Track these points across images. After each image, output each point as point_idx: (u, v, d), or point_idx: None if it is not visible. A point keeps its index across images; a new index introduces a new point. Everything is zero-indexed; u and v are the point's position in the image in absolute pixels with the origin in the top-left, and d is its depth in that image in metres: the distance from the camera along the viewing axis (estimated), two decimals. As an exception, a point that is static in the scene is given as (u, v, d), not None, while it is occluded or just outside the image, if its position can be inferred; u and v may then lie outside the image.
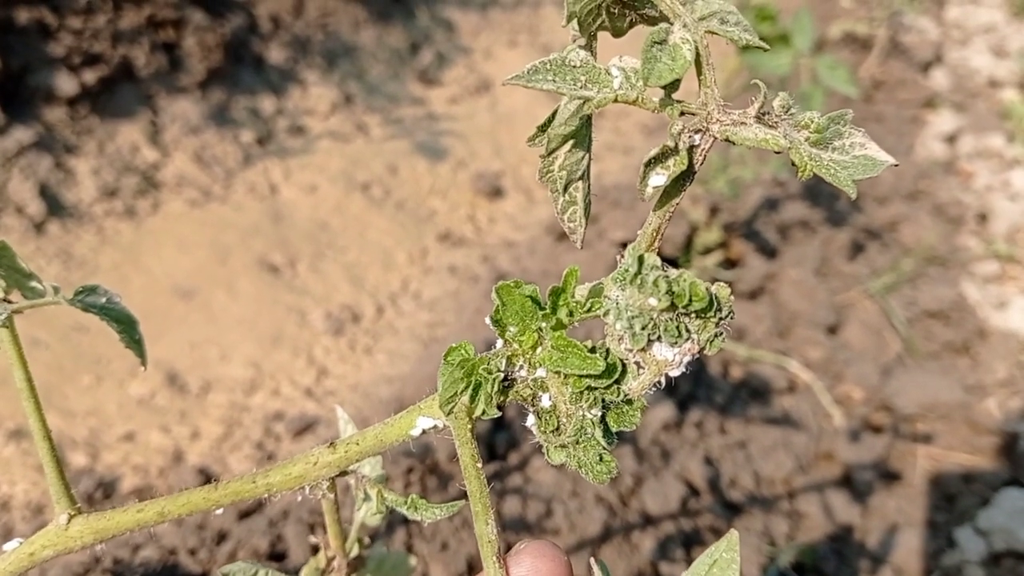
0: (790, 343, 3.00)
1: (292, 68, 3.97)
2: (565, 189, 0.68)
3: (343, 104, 3.96)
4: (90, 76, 3.41)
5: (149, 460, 2.57)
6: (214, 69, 3.70)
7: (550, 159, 0.68)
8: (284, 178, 3.59)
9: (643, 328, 0.61)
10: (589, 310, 0.65)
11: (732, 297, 0.64)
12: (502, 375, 0.68)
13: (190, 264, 3.15)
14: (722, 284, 0.64)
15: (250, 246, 3.24)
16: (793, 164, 0.64)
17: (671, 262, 3.30)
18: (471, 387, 0.68)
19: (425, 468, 2.45)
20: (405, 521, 2.29)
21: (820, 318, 3.07)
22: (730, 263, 3.25)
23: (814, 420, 2.76)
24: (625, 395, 0.66)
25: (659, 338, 0.63)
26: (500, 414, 0.69)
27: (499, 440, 2.52)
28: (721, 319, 0.63)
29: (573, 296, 0.65)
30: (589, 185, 0.69)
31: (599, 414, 0.67)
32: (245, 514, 2.35)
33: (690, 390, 2.78)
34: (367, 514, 0.99)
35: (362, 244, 3.38)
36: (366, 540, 1.04)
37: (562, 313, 0.66)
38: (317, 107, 3.89)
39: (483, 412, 0.68)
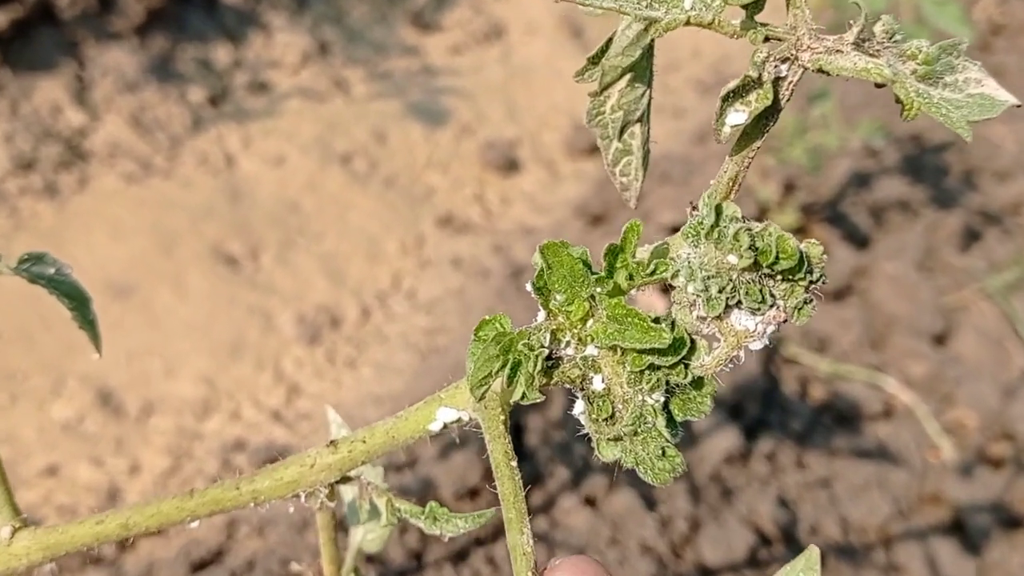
0: (886, 356, 3.04)
1: (253, 9, 4.03)
2: (620, 133, 0.72)
3: (317, 55, 4.01)
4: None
5: (77, 499, 2.62)
6: (155, 10, 3.75)
7: (602, 97, 0.73)
8: (243, 147, 3.63)
9: (720, 291, 0.66)
10: (653, 273, 0.69)
11: (825, 257, 0.69)
12: (546, 352, 0.73)
13: (126, 254, 3.21)
14: (813, 242, 0.68)
15: (202, 232, 3.29)
16: (898, 101, 0.68)
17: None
18: (508, 366, 0.72)
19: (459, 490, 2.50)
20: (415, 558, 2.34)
21: (924, 324, 3.10)
22: (809, 254, 3.29)
23: (916, 452, 2.79)
24: (693, 376, 0.70)
25: (739, 303, 0.68)
26: (543, 399, 0.73)
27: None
28: (812, 283, 0.68)
29: (634, 256, 0.70)
30: (648, 129, 0.74)
31: (662, 399, 0.72)
32: (199, 566, 2.40)
33: (759, 414, 2.81)
34: (365, 537, 1.03)
35: (342, 230, 3.44)
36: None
37: (620, 277, 0.70)
38: (284, 58, 3.94)
39: (523, 396, 0.73)
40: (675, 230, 0.76)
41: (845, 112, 3.52)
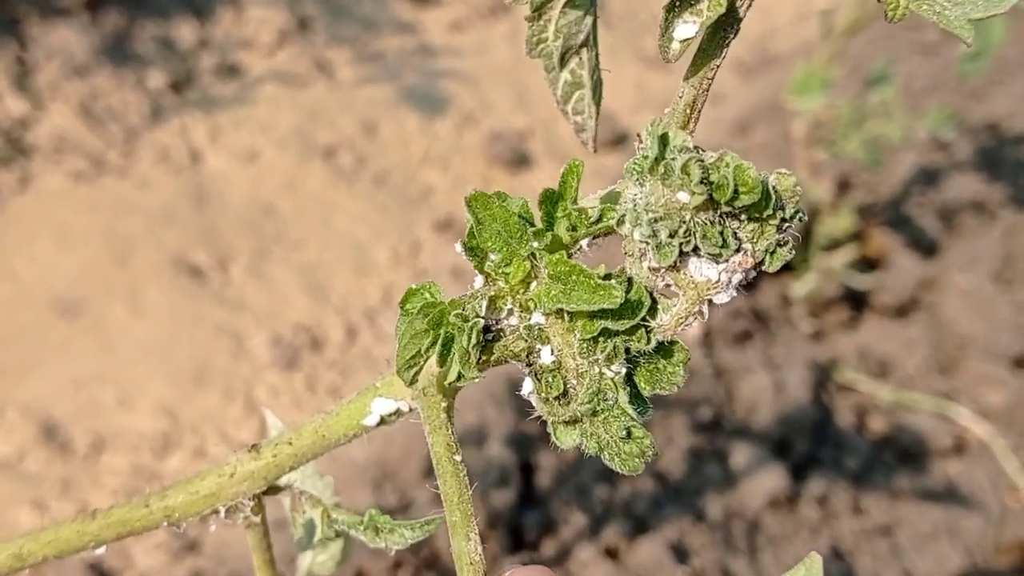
0: (957, 382, 3.02)
1: (226, -15, 4.05)
2: (563, 61, 0.73)
3: (296, 32, 4.03)
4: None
5: (12, 545, 2.63)
6: (113, -14, 3.78)
7: (541, 23, 0.74)
8: (210, 140, 3.64)
9: (671, 236, 0.65)
10: (599, 221, 0.70)
11: (799, 189, 0.69)
12: (482, 322, 0.73)
13: (75, 265, 3.23)
14: (784, 172, 0.68)
15: (162, 239, 3.31)
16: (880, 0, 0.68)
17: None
18: (440, 342, 0.73)
19: (420, 562, 2.50)
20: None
21: (1002, 345, 3.08)
22: (868, 263, 3.28)
23: (993, 494, 2.77)
24: (657, 341, 0.71)
25: (695, 249, 0.67)
26: (482, 377, 0.74)
27: (528, 521, 2.55)
28: (784, 221, 0.67)
29: (575, 203, 0.70)
30: (597, 56, 0.74)
31: (622, 371, 0.72)
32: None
33: (809, 451, 2.80)
34: (315, 560, 1.04)
35: (325, 236, 3.46)
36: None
37: (561, 228, 0.70)
38: (258, 37, 3.97)
39: (459, 377, 0.73)
40: None
41: (910, 98, 3.51)
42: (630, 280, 0.71)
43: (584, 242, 0.74)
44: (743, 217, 0.68)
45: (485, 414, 2.76)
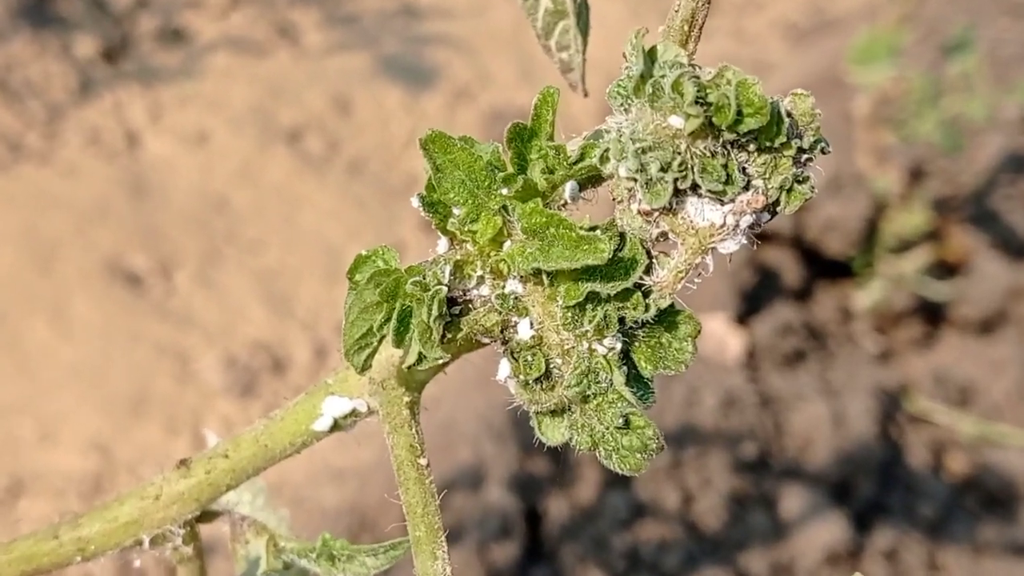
0: (1055, 411, 3.02)
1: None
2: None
3: (259, -4, 4.11)
4: None
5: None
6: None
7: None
8: (151, 120, 3.66)
9: (663, 169, 0.65)
10: (580, 160, 0.70)
11: (818, 113, 0.69)
12: (445, 291, 0.73)
13: (-13, 270, 3.27)
14: (801, 93, 0.69)
15: (92, 240, 3.33)
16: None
17: (838, 266, 3.35)
18: (395, 317, 0.73)
19: None
20: None
21: (1110, 366, 3.08)
22: (946, 268, 3.27)
23: (1100, 546, 2.77)
24: (658, 309, 0.71)
25: (694, 187, 0.67)
26: (447, 360, 0.74)
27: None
28: (802, 151, 0.67)
29: (551, 140, 0.71)
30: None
31: (617, 346, 0.72)
32: None
33: (875, 495, 2.80)
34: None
35: (289, 236, 3.48)
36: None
37: (535, 171, 0.71)
38: None
39: (419, 358, 0.73)
40: (761, 236, 0.77)
41: (996, 69, 3.50)
42: (622, 235, 0.71)
43: (567, 190, 0.74)
44: (751, 147, 0.68)
45: (482, 450, 2.77)
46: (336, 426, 0.89)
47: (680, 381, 2.95)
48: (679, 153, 0.68)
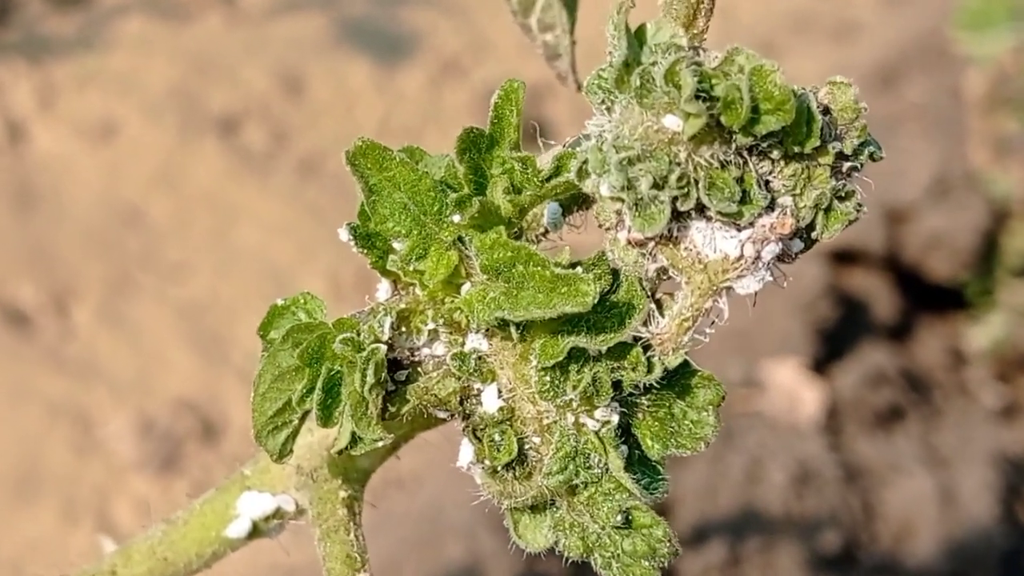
0: None
1: None
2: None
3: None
4: None
5: None
6: None
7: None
8: (40, 106, 3.68)
9: (657, 186, 0.65)
10: (555, 175, 0.70)
11: (863, 108, 0.68)
12: (385, 350, 0.73)
13: None
14: (840, 81, 0.68)
15: (-37, 264, 3.30)
16: None
17: (945, 295, 3.34)
18: (320, 386, 0.73)
19: None
20: None
21: None
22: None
23: None
24: (664, 369, 0.70)
25: (699, 208, 0.66)
26: (392, 442, 0.74)
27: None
28: (843, 157, 0.66)
29: (517, 150, 0.70)
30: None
31: (613, 419, 0.72)
32: None
33: (1013, 547, 2.80)
34: None
35: (222, 257, 3.49)
36: None
37: (497, 190, 0.71)
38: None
39: (353, 441, 0.72)
40: (843, 256, 0.76)
41: None
42: (615, 272, 0.71)
43: (546, 215, 0.73)
44: (774, 154, 0.66)
45: (478, 546, 2.78)
46: (256, 531, 0.89)
47: (738, 451, 2.95)
48: (678, 164, 0.67)
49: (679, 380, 0.74)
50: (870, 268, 3.38)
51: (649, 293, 0.72)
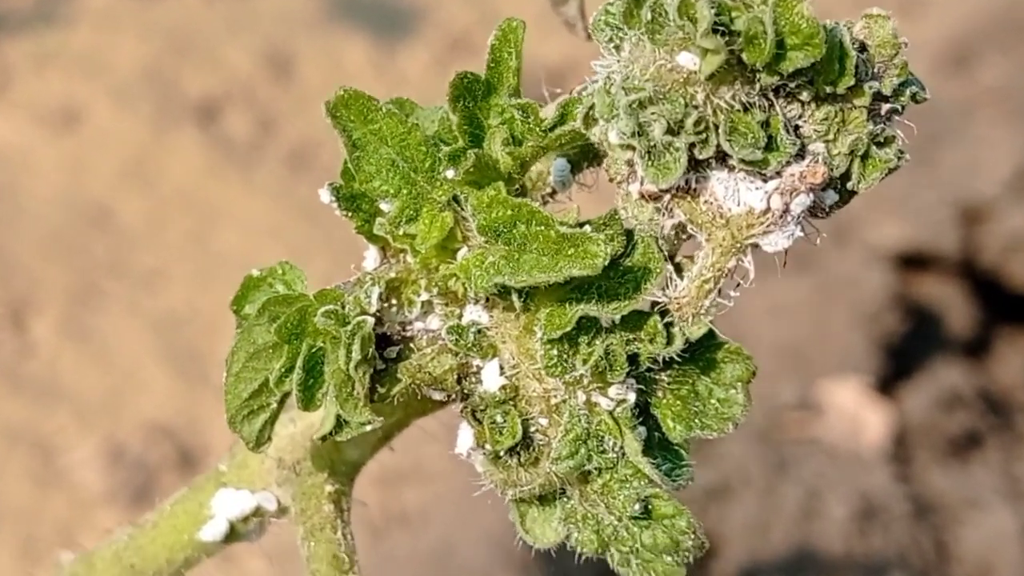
0: None
1: None
2: None
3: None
4: None
5: None
6: None
7: None
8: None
9: (672, 131, 0.66)
10: (559, 124, 0.71)
11: (903, 43, 0.68)
12: (372, 323, 0.74)
13: None
14: (877, 13, 0.68)
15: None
16: None
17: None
18: (301, 364, 0.75)
19: None
20: None
21: None
22: None
23: None
24: (685, 339, 0.71)
25: (720, 156, 0.68)
26: (376, 425, 0.75)
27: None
28: (881, 98, 0.67)
29: (517, 96, 0.72)
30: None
31: (629, 397, 0.73)
32: None
33: None
34: None
35: (202, 263, 3.48)
36: None
37: (495, 142, 0.73)
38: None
39: (338, 425, 0.75)
40: (912, 261, 0.77)
41: None
42: (629, 233, 0.72)
43: (553, 171, 0.74)
44: (804, 95, 0.67)
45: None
46: (234, 533, 0.90)
47: (793, 482, 2.95)
48: (695, 107, 0.68)
49: (703, 353, 0.74)
50: (942, 274, 3.38)
51: (667, 255, 0.73)
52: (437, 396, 0.77)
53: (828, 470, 3.01)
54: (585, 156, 0.75)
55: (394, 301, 0.76)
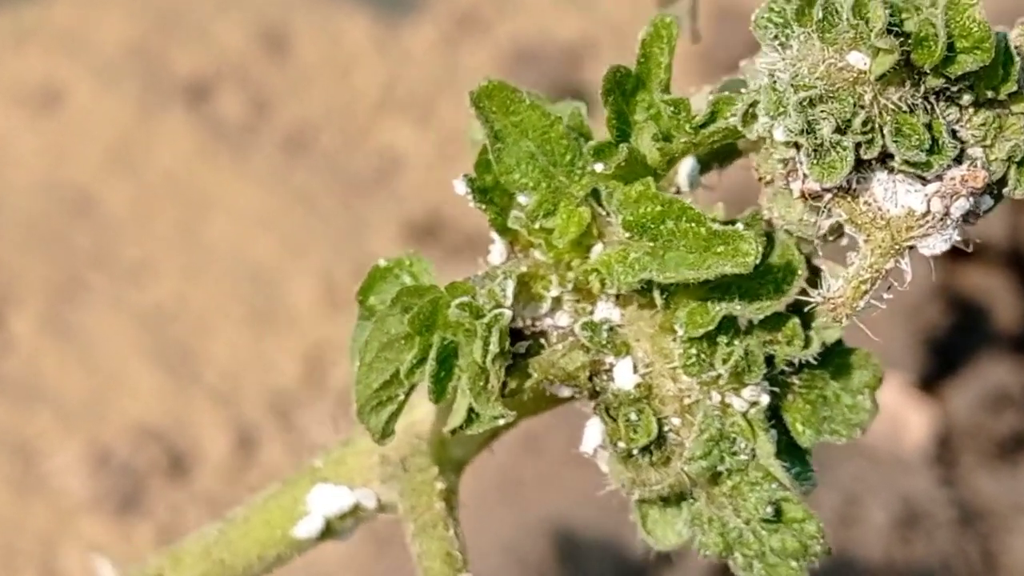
0: None
1: None
2: None
3: None
4: None
5: None
6: None
7: None
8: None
9: (840, 129, 0.70)
10: (710, 121, 0.74)
11: None
12: (508, 316, 0.78)
13: None
14: None
15: None
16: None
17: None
18: (434, 356, 0.78)
19: None
20: None
21: None
22: None
23: None
24: (822, 344, 0.74)
25: (882, 157, 0.72)
26: (509, 418, 0.78)
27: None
28: None
29: (667, 91, 0.76)
30: None
31: (763, 399, 0.78)
32: None
33: None
34: None
35: (192, 255, 3.49)
36: None
37: (644, 137, 0.76)
38: None
39: (470, 419, 0.79)
40: (956, 250, 0.78)
41: None
42: (769, 236, 0.75)
43: (684, 172, 0.77)
44: (964, 99, 0.72)
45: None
46: (329, 530, 0.94)
47: (831, 486, 2.94)
48: (862, 107, 0.72)
49: (834, 358, 0.78)
50: (990, 264, 3.38)
51: (808, 257, 0.76)
52: (565, 392, 0.80)
53: (867, 474, 3.01)
54: (716, 157, 0.78)
55: (524, 296, 0.79)
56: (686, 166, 0.80)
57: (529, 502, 2.90)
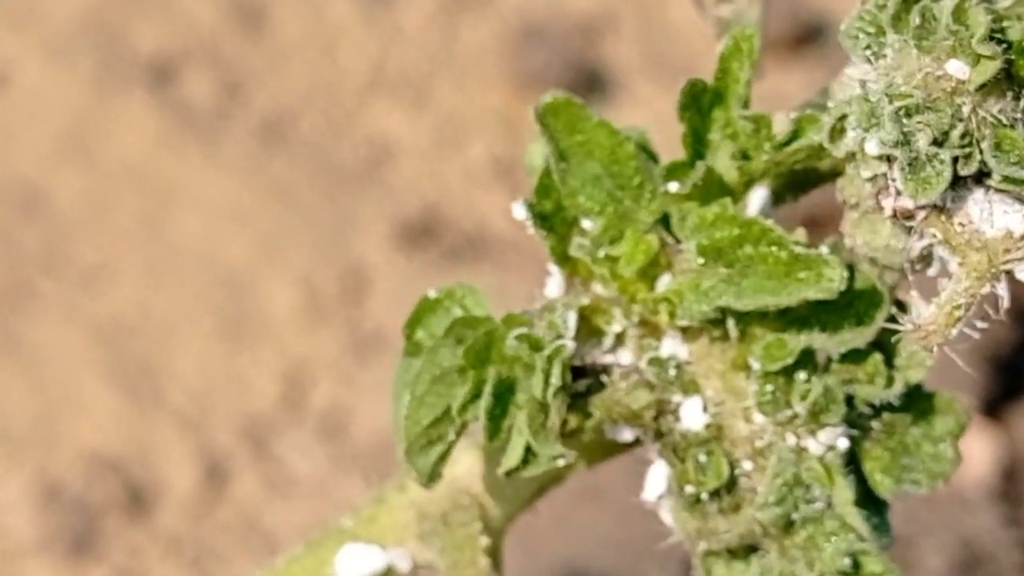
0: None
1: None
2: None
3: None
4: None
5: None
6: None
7: None
8: None
9: (938, 142, 0.73)
10: (793, 139, 0.78)
11: None
12: (571, 348, 0.82)
13: None
14: None
15: None
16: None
17: None
18: (490, 391, 0.82)
19: None
20: None
21: None
22: None
23: None
24: (906, 380, 0.78)
25: (980, 175, 0.76)
26: (570, 459, 0.82)
27: None
28: None
29: (746, 107, 0.80)
30: None
31: (842, 443, 0.81)
32: None
33: None
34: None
35: (155, 255, 3.49)
36: None
37: (721, 155, 0.80)
38: None
39: (526, 458, 0.83)
40: None
41: None
42: (851, 267, 0.78)
43: (755, 199, 0.82)
44: None
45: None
46: None
47: (881, 524, 2.95)
48: (960, 119, 0.75)
49: (916, 402, 0.81)
50: (1061, 273, 3.38)
51: (889, 286, 0.80)
52: (627, 436, 0.83)
53: (922, 512, 3.01)
54: (791, 186, 0.81)
55: (586, 330, 0.82)
56: (758, 197, 0.82)
57: (542, 546, 2.92)
